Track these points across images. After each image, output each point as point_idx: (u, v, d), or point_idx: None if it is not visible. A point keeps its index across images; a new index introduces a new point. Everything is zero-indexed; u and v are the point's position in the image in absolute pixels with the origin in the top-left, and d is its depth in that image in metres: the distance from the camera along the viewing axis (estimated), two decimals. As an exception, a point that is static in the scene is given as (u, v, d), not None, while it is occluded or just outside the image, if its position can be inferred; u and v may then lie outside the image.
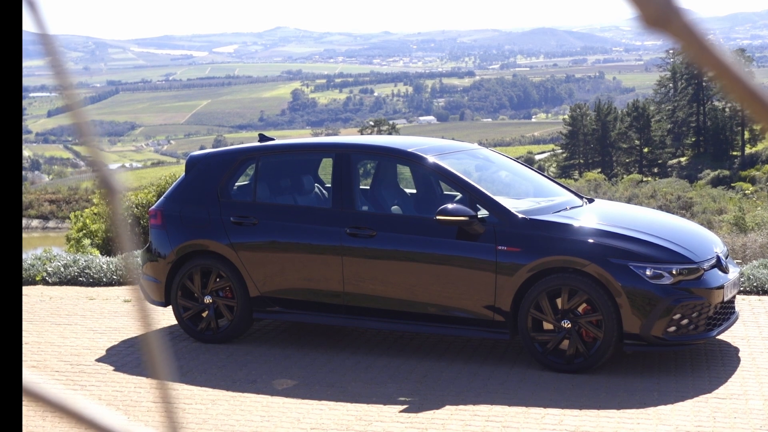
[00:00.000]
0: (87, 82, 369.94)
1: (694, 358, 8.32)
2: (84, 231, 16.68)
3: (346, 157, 9.03)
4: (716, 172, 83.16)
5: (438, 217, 8.24)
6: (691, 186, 59.39)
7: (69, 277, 12.43)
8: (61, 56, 0.93)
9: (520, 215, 8.26)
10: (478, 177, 9.12)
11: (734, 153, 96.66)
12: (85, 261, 12.67)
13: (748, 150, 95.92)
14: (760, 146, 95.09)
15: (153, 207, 9.83)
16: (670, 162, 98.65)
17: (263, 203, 9.26)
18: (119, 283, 12.31)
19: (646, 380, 7.74)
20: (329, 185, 9.48)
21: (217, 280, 9.24)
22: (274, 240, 9.04)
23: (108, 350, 9.22)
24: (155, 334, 0.99)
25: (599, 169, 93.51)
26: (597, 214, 8.68)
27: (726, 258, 8.62)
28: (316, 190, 9.68)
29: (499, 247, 8.14)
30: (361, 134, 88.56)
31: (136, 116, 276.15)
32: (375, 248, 8.60)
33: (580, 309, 7.97)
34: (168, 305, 9.51)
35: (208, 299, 9.25)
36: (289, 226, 8.99)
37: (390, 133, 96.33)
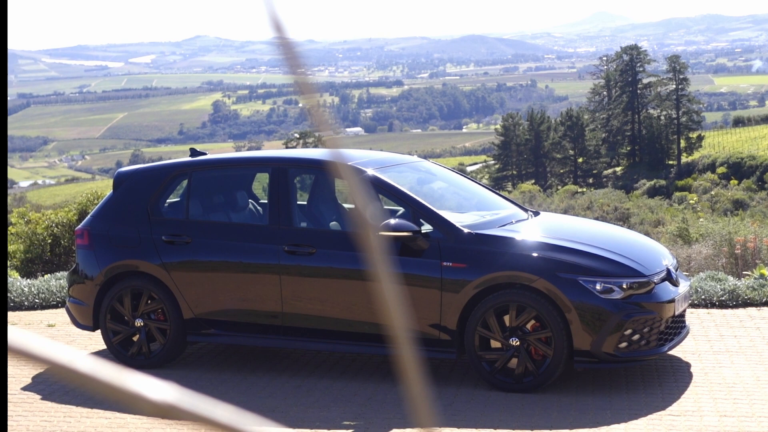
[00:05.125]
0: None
1: (645, 374, 8.13)
2: (0, 252, 16.03)
3: (282, 171, 8.72)
4: (652, 182, 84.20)
5: (380, 233, 7.93)
6: (628, 197, 59.89)
7: (-12, 301, 11.90)
8: (300, 58, 1.02)
9: (466, 230, 8.00)
10: (421, 191, 8.85)
11: (670, 162, 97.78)
12: (5, 284, 12.15)
13: (684, 159, 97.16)
14: (696, 155, 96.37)
15: (79, 226, 9.44)
16: (606, 172, 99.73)
17: (196, 221, 8.93)
18: (42, 307, 11.83)
19: (598, 398, 7.56)
20: (264, 201, 9.17)
21: (149, 302, 8.90)
22: (208, 259, 8.71)
23: (34, 378, 8.82)
24: (419, 380, 1.01)
25: (533, 181, 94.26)
26: (544, 228, 8.49)
27: (676, 270, 8.44)
28: (251, 206, 9.35)
29: (444, 263, 7.88)
30: (287, 147, 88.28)
31: (48, 130, 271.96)
32: (314, 266, 8.31)
33: (528, 326, 7.76)
34: (96, 329, 9.17)
35: (139, 322, 8.90)
36: (224, 244, 8.67)
37: (316, 146, 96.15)
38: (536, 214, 9.20)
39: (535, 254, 7.82)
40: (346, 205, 9.36)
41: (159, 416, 0.95)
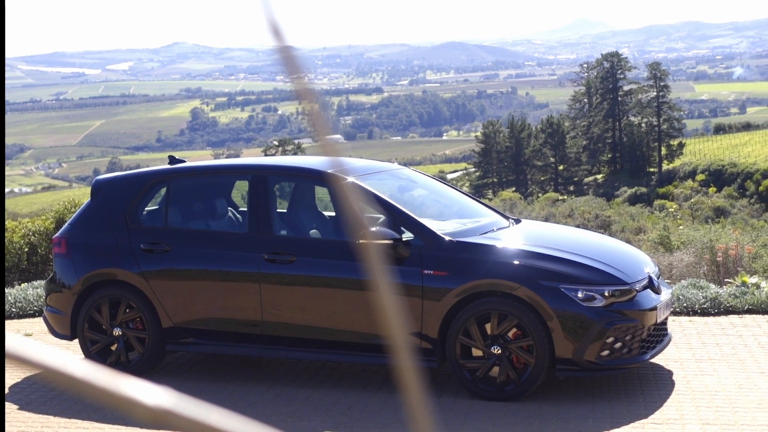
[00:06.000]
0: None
1: (627, 382, 8.09)
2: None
3: (262, 179, 8.64)
4: (633, 190, 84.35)
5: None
6: (609, 204, 59.94)
7: (-37, 311, 11.78)
8: (299, 64, 1.05)
9: (447, 238, 7.95)
10: (402, 198, 8.80)
11: (651, 169, 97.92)
12: (-21, 293, 12.01)
13: (665, 166, 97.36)
14: (677, 162, 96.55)
15: (57, 234, 9.34)
16: (586, 179, 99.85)
17: (175, 229, 8.85)
18: (19, 316, 11.71)
19: (580, 407, 7.50)
20: (243, 209, 9.10)
21: (127, 310, 8.80)
22: (188, 267, 8.63)
23: (11, 388, 8.71)
24: (418, 389, 1.01)
25: (514, 188, 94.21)
26: (525, 235, 8.43)
27: (658, 278, 8.41)
28: (230, 214, 9.28)
29: (425, 271, 7.82)
30: (266, 155, 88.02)
31: (25, 138, 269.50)
32: (295, 274, 8.23)
33: (510, 334, 7.70)
34: (74, 339, 9.07)
35: (117, 331, 8.80)
36: (204, 252, 8.59)
37: (295, 153, 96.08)
38: (517, 221, 9.16)
39: (516, 262, 7.77)
40: (326, 213, 9.31)
41: (153, 422, 0.92)
